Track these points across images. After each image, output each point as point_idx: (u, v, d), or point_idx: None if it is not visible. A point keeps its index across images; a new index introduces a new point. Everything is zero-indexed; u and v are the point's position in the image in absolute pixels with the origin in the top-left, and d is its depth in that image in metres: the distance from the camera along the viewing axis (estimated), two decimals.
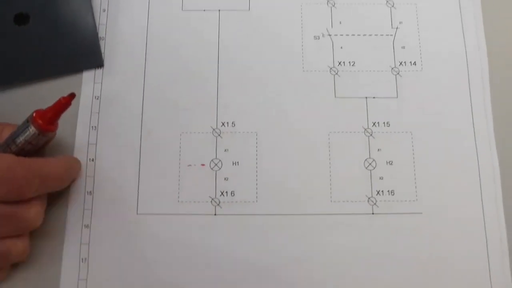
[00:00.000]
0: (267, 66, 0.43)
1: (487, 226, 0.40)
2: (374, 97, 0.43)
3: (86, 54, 0.43)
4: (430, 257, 0.40)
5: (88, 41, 0.43)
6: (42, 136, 0.36)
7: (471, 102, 0.43)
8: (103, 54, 0.44)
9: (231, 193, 0.41)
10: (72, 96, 0.36)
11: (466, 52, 0.44)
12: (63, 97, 0.36)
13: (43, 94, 0.43)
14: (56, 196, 0.40)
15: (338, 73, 0.43)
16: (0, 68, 0.42)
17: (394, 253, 0.40)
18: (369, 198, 0.41)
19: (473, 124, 0.42)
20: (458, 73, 0.43)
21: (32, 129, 0.36)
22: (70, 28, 0.43)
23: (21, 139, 0.36)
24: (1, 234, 0.35)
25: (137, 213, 0.40)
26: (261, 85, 0.43)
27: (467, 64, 0.44)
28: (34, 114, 0.36)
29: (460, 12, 0.45)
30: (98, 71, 0.43)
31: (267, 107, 0.42)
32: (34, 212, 0.36)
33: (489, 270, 0.39)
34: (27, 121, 0.36)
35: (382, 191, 0.41)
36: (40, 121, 0.36)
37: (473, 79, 0.43)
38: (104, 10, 0.45)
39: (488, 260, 0.40)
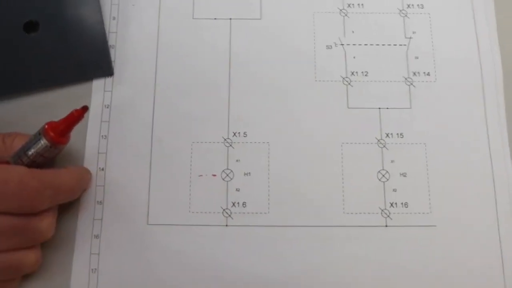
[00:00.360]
0: (279, 75, 0.43)
1: (502, 239, 0.40)
2: (387, 108, 0.42)
3: (96, 62, 0.43)
4: (444, 270, 0.39)
5: (98, 50, 0.43)
6: (54, 149, 0.36)
7: (485, 112, 0.42)
8: (113, 62, 0.43)
9: (243, 204, 0.40)
10: (84, 109, 0.36)
11: (480, 62, 0.43)
12: (76, 110, 0.36)
13: (52, 102, 0.42)
14: (66, 206, 0.40)
15: (350, 83, 0.43)
16: (10, 76, 0.42)
17: (407, 266, 0.39)
18: (382, 210, 0.40)
19: (488, 135, 0.42)
20: (472, 83, 0.43)
21: (44, 142, 0.36)
22: (80, 36, 0.43)
23: (32, 151, 0.36)
24: (13, 246, 0.35)
25: (147, 223, 0.40)
26: (273, 94, 0.43)
27: (482, 75, 0.43)
28: (46, 126, 0.36)
29: (474, 22, 0.45)
30: (108, 80, 0.43)
31: (279, 117, 0.42)
32: (46, 224, 0.35)
33: (504, 284, 0.39)
34: (39, 133, 0.36)
35: (396, 203, 0.40)
36: (52, 134, 0.35)
37: (487, 90, 0.43)
38: (114, 18, 0.45)
39: (503, 273, 0.39)
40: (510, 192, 0.41)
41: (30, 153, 0.36)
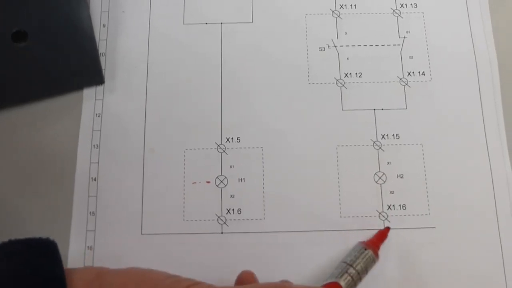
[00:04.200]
0: (272, 79, 0.43)
1: (503, 240, 0.39)
2: (382, 109, 0.42)
3: (86, 71, 0.42)
4: (445, 272, 0.38)
5: (88, 58, 0.43)
6: (373, 262, 0.37)
7: (482, 111, 0.42)
8: (103, 70, 0.43)
9: (238, 211, 0.40)
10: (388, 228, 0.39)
11: (476, 60, 0.43)
12: (381, 230, 0.39)
13: (43, 113, 0.42)
14: (59, 218, 0.39)
15: (344, 85, 0.42)
16: None
17: (407, 269, 0.38)
18: (380, 213, 0.39)
19: (485, 134, 0.41)
20: (468, 82, 0.42)
21: (370, 253, 0.37)
22: (70, 44, 0.42)
23: (360, 265, 0.36)
24: None
25: (141, 233, 0.39)
26: (266, 98, 0.42)
27: (477, 73, 0.43)
28: (365, 241, 0.38)
29: (469, 19, 0.44)
30: (99, 88, 0.43)
31: (273, 121, 0.41)
32: None
33: (506, 285, 0.38)
34: (361, 248, 0.37)
35: (394, 205, 0.40)
36: (374, 246, 0.37)
37: (483, 87, 0.42)
38: (104, 26, 0.44)
39: (505, 274, 0.38)
40: (510, 191, 0.40)
41: (358, 267, 0.36)
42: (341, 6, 0.44)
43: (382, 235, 0.38)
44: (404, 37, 0.44)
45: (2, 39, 0.41)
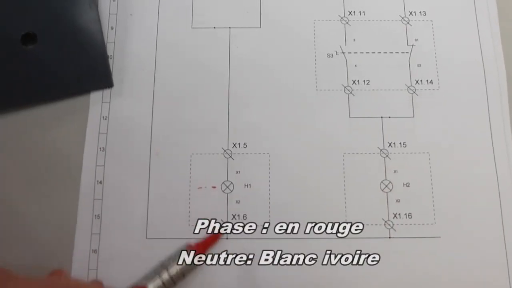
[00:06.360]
0: (279, 85, 0.42)
1: (508, 249, 0.39)
2: (389, 117, 0.42)
3: (95, 74, 0.42)
4: (449, 283, 0.38)
5: (97, 61, 0.42)
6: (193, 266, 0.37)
7: (489, 120, 0.41)
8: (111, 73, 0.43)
9: (243, 217, 0.40)
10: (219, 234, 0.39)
11: (484, 69, 0.43)
12: (210, 236, 0.39)
13: (49, 115, 0.42)
14: (64, 220, 0.39)
15: (352, 92, 0.42)
16: (7, 90, 0.41)
17: (411, 278, 0.38)
18: (385, 222, 0.39)
19: (492, 143, 0.41)
20: (476, 90, 0.42)
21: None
22: (79, 47, 0.42)
23: (176, 268, 0.37)
24: None
25: (146, 237, 0.39)
26: (273, 104, 0.42)
27: (485, 82, 0.42)
28: (189, 245, 0.38)
29: (477, 28, 0.44)
30: (106, 91, 0.42)
31: (280, 127, 0.41)
32: None
33: None
34: (181, 251, 0.37)
35: (399, 214, 0.39)
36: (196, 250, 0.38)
37: (491, 97, 0.42)
38: (112, 28, 0.44)
39: (510, 284, 0.38)
40: None
41: (173, 270, 0.36)
42: (350, 13, 0.44)
43: (212, 239, 0.38)
44: (412, 45, 0.43)
45: (11, 42, 0.41)
